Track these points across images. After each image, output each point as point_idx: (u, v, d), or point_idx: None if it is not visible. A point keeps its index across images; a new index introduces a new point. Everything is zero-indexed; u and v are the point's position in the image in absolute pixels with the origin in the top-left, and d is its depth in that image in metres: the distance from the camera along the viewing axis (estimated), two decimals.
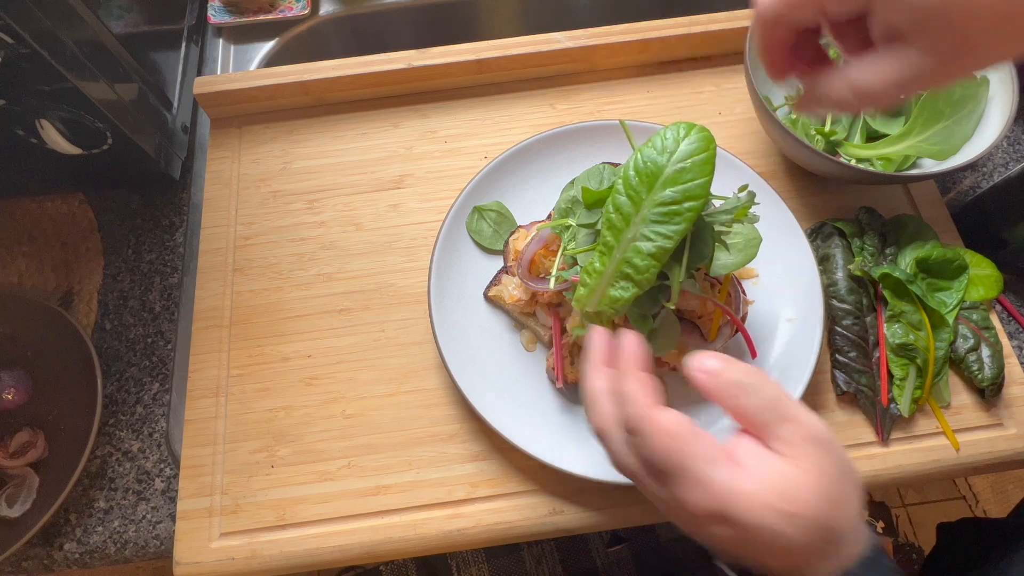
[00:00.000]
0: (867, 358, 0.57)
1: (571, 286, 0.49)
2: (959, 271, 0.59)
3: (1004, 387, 0.56)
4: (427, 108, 0.71)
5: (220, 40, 0.82)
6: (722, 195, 0.47)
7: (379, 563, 0.69)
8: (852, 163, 0.59)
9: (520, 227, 0.60)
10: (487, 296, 0.59)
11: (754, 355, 0.54)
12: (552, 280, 0.51)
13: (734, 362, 0.35)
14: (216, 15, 0.81)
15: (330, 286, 0.63)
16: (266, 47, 0.82)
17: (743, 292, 0.56)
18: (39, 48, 0.50)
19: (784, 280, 0.59)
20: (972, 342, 0.57)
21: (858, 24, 0.35)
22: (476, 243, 0.61)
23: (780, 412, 0.34)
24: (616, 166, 0.54)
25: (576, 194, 0.53)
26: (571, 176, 0.57)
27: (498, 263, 0.60)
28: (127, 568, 0.60)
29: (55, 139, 0.59)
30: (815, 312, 0.56)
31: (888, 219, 0.62)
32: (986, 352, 0.57)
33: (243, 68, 0.80)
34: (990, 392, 0.56)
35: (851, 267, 0.59)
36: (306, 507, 0.54)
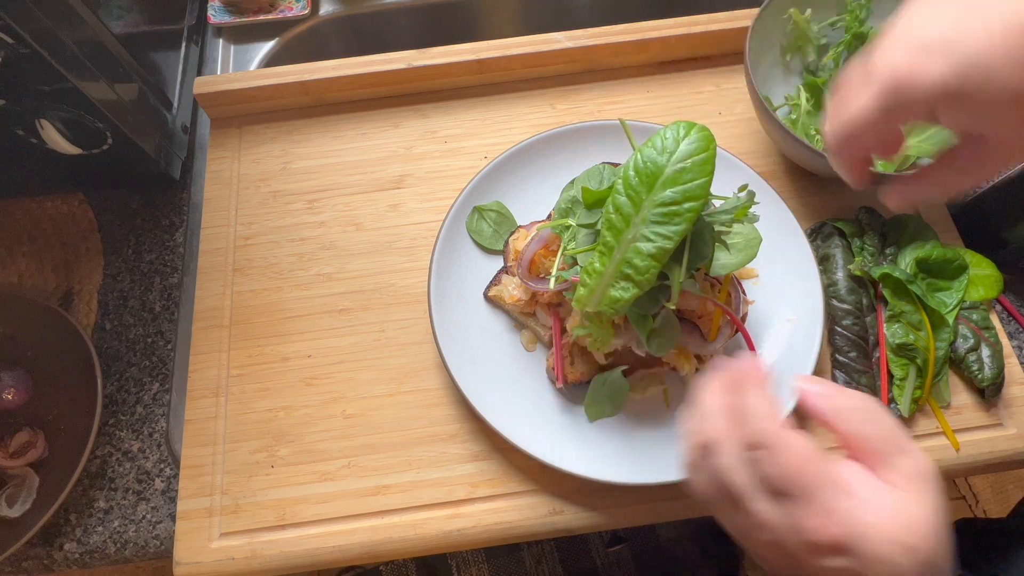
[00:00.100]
0: (867, 358, 0.57)
1: (571, 286, 0.49)
2: (959, 271, 0.59)
3: (1004, 387, 0.56)
4: (427, 108, 0.71)
5: (220, 40, 0.82)
6: (722, 195, 0.47)
7: (379, 563, 0.69)
8: None
9: (520, 227, 0.60)
10: (487, 296, 0.59)
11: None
12: (552, 280, 0.51)
13: (843, 388, 0.36)
14: (216, 15, 0.81)
15: (330, 286, 0.63)
16: (266, 47, 0.82)
17: (743, 292, 0.56)
18: (39, 48, 0.50)
19: (784, 280, 0.59)
20: (972, 342, 0.57)
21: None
22: (476, 243, 0.61)
23: (899, 444, 0.34)
24: (616, 166, 0.54)
25: (576, 194, 0.53)
26: (571, 176, 0.57)
27: (498, 263, 0.60)
28: (127, 568, 0.60)
29: (55, 139, 0.59)
30: (815, 312, 0.56)
31: (888, 219, 0.62)
32: (986, 352, 0.57)
33: (243, 68, 0.80)
34: (990, 392, 0.56)
35: (851, 267, 0.59)
36: (306, 507, 0.54)
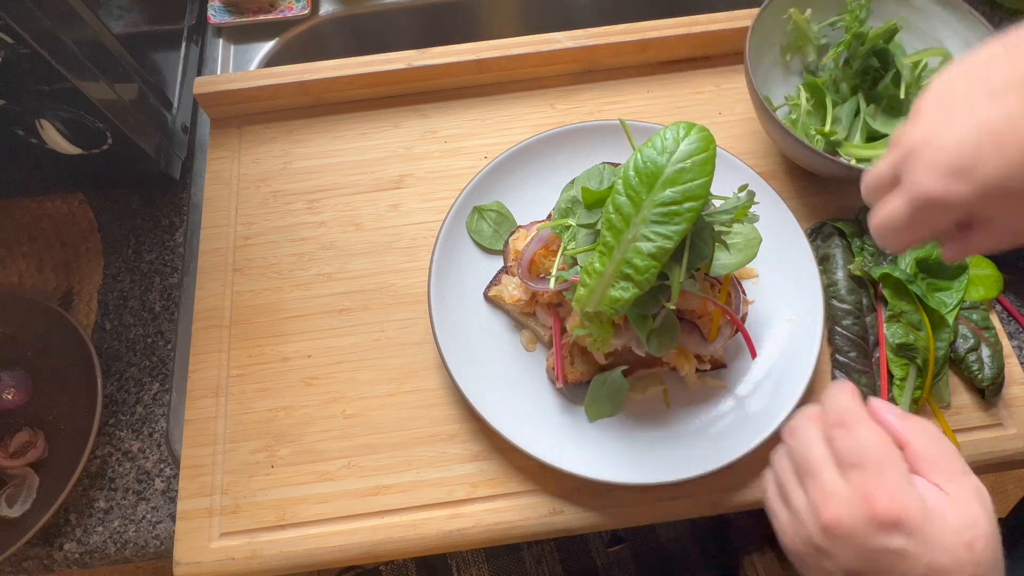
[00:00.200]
0: (867, 358, 0.57)
1: (571, 286, 0.49)
2: (959, 271, 0.59)
3: (1004, 387, 0.56)
4: (427, 108, 0.71)
5: (220, 40, 0.82)
6: (722, 195, 0.47)
7: (379, 563, 0.69)
8: (852, 163, 0.59)
9: (520, 227, 0.60)
10: (487, 296, 0.59)
11: (754, 355, 0.54)
12: (552, 280, 0.51)
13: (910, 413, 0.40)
14: (216, 15, 0.81)
15: (330, 286, 0.63)
16: (266, 47, 0.82)
17: (743, 292, 0.56)
18: (39, 48, 0.50)
19: (784, 280, 0.59)
20: (972, 342, 0.57)
21: None
22: (476, 243, 0.61)
23: (961, 464, 0.37)
24: (616, 166, 0.54)
25: (576, 194, 0.53)
26: (571, 176, 0.57)
27: (498, 263, 0.60)
28: (127, 568, 0.60)
29: (55, 139, 0.59)
30: (815, 312, 0.56)
31: None
32: (986, 352, 0.57)
33: (243, 68, 0.80)
34: (990, 392, 0.56)
35: (851, 267, 0.59)
36: (306, 507, 0.54)
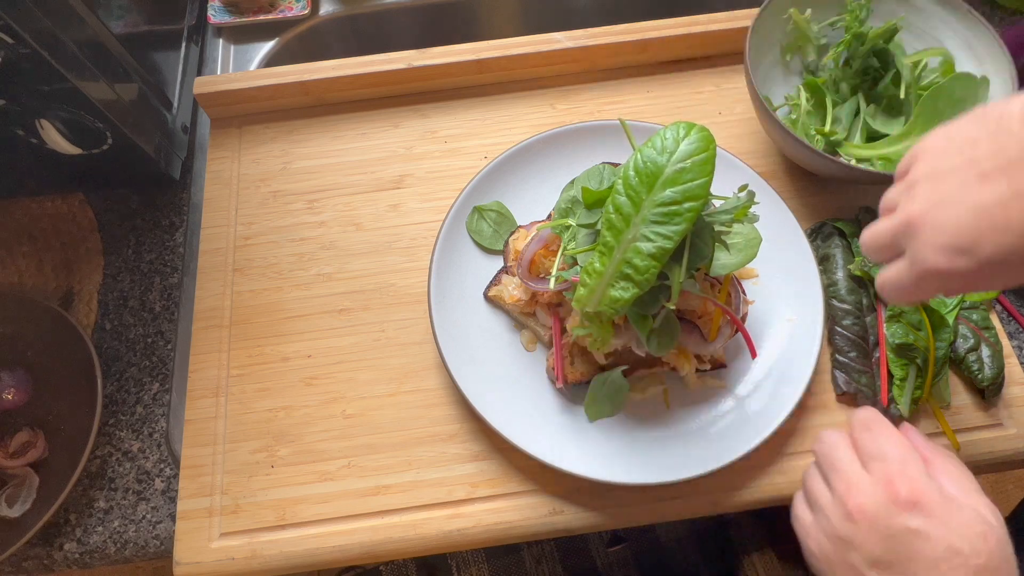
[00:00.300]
0: (867, 358, 0.57)
1: (571, 286, 0.49)
2: None
3: (1004, 387, 0.56)
4: (427, 108, 0.71)
5: (220, 40, 0.82)
6: (722, 195, 0.47)
7: (379, 563, 0.69)
8: (852, 163, 0.59)
9: (520, 227, 0.60)
10: (487, 296, 0.59)
11: (754, 355, 0.54)
12: (552, 280, 0.51)
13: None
14: (216, 15, 0.81)
15: (330, 286, 0.63)
16: (266, 47, 0.82)
17: (743, 292, 0.56)
18: (39, 48, 0.50)
19: (784, 280, 0.59)
20: (972, 342, 0.57)
21: None
22: (476, 243, 0.61)
23: (977, 487, 0.40)
24: (616, 166, 0.54)
25: (576, 194, 0.53)
26: (571, 176, 0.57)
27: (498, 263, 0.60)
28: (127, 568, 0.60)
29: (55, 139, 0.59)
30: (815, 312, 0.56)
31: None
32: (986, 352, 0.57)
33: (243, 68, 0.81)
34: (990, 392, 0.56)
35: (851, 267, 0.59)
36: (306, 507, 0.54)
